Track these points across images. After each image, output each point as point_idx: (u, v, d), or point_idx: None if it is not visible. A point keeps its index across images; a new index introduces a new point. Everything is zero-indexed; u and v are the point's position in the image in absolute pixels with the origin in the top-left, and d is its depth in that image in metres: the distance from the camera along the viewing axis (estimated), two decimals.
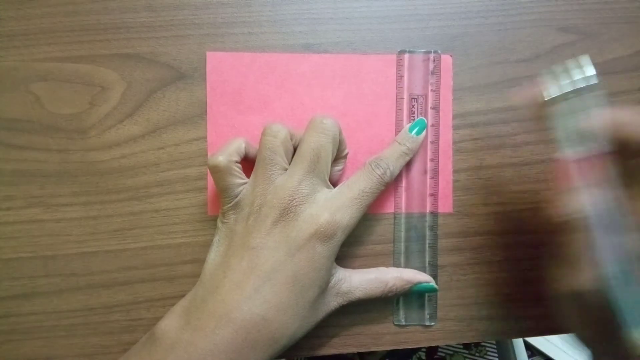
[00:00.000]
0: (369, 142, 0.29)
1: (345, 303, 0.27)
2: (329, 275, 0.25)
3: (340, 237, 0.25)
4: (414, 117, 0.29)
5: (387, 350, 0.65)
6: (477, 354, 0.71)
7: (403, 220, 0.30)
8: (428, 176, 0.30)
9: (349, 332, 0.29)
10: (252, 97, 0.29)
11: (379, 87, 0.30)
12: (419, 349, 0.70)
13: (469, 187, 0.30)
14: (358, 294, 0.27)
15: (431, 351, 0.70)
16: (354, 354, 0.66)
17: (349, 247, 0.29)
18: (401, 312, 0.30)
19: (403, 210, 0.30)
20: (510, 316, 0.30)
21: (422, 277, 0.28)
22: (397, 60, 0.30)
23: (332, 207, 0.25)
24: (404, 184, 0.30)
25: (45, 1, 0.28)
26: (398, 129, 0.29)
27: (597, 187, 0.19)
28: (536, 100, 0.21)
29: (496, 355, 0.71)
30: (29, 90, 0.28)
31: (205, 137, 0.29)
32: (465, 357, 0.71)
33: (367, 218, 0.30)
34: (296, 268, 0.24)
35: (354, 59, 0.29)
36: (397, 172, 0.28)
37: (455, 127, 0.30)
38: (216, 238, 0.26)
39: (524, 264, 0.30)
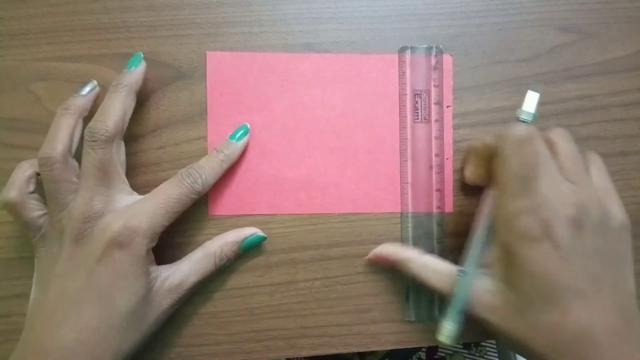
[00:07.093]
0: (369, 141, 0.29)
1: (181, 295, 0.26)
2: (143, 280, 0.24)
3: (141, 242, 0.24)
4: (417, 112, 0.30)
5: (387, 350, 0.65)
6: (477, 354, 0.71)
7: (410, 218, 0.30)
8: (434, 171, 0.30)
9: (349, 332, 0.29)
10: (252, 97, 0.29)
11: (380, 87, 0.30)
12: (419, 348, 0.70)
13: (469, 186, 0.30)
14: (192, 278, 0.26)
15: (431, 351, 0.70)
16: (353, 353, 0.66)
17: (356, 247, 0.29)
18: (411, 309, 0.30)
19: (410, 207, 0.30)
20: None
21: (246, 232, 0.28)
22: (399, 57, 0.30)
23: (129, 213, 0.24)
24: (410, 180, 0.30)
25: (45, 1, 0.28)
26: (402, 125, 0.30)
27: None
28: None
29: (496, 355, 0.71)
30: (29, 89, 0.28)
31: (206, 137, 0.29)
32: (465, 357, 0.71)
33: (374, 217, 0.29)
34: (97, 281, 0.23)
35: (354, 59, 0.29)
36: (211, 180, 0.27)
37: (456, 127, 0.30)
38: (34, 277, 0.26)
39: None
